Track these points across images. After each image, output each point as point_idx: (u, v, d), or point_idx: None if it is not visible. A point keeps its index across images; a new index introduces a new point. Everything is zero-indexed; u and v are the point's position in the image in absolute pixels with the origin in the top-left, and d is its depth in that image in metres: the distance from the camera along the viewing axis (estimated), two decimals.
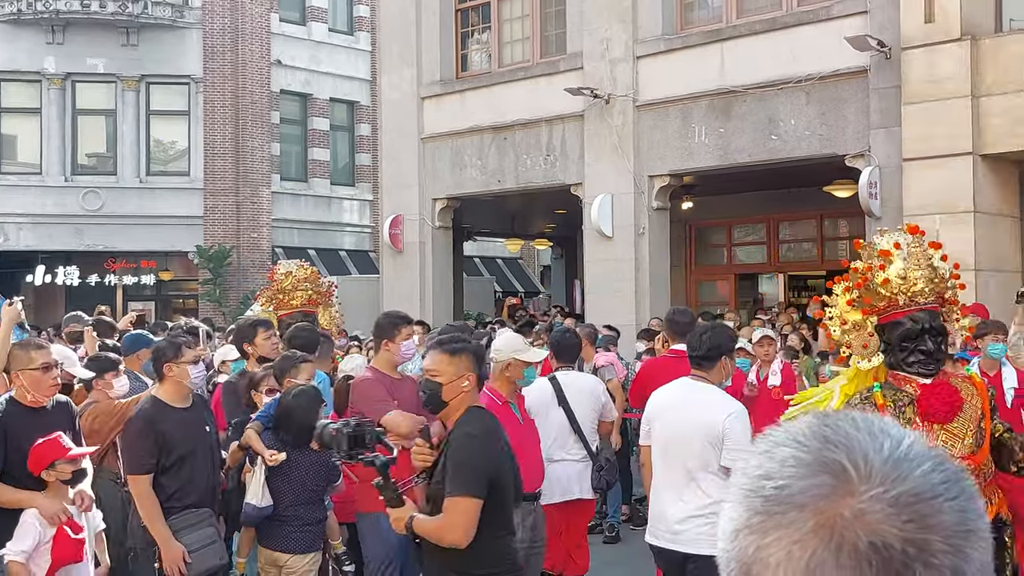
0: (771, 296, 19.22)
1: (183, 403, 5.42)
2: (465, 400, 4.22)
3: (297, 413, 5.72)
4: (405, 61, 17.19)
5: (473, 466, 4.05)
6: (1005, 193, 11.60)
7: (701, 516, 5.15)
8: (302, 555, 5.76)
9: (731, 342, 5.53)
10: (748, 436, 5.06)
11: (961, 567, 0.82)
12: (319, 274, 9.24)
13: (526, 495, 5.78)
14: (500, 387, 5.88)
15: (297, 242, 26.51)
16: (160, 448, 5.27)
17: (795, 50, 12.74)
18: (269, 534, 5.77)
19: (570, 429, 6.87)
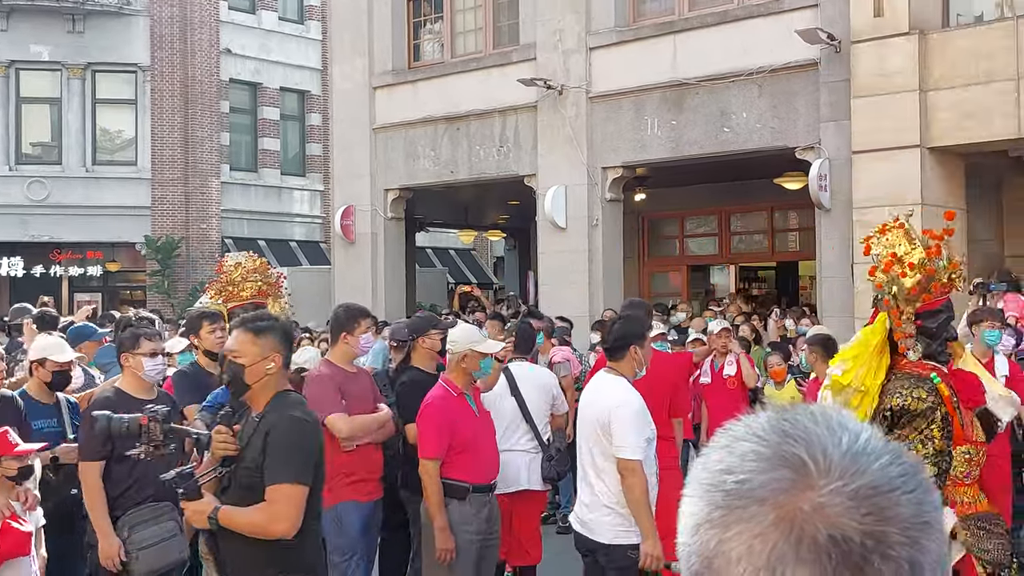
0: (722, 287, 19.38)
1: (145, 395, 5.35)
2: (271, 383, 4.03)
3: None
4: (357, 51, 17.06)
5: (303, 451, 3.91)
6: (952, 186, 11.77)
7: (606, 507, 5.23)
8: None
9: (640, 331, 5.54)
10: (631, 430, 5.10)
11: (918, 559, 0.83)
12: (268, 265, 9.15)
13: (481, 486, 5.79)
14: (456, 378, 5.86)
15: (247, 233, 26.24)
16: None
17: (746, 43, 12.83)
18: None
19: (521, 419, 6.87)
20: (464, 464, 5.72)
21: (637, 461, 5.10)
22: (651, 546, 5.14)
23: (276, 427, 3.92)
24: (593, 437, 5.26)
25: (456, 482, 5.70)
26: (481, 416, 5.99)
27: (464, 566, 5.71)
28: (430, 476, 5.64)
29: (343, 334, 6.17)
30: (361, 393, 6.13)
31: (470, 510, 5.73)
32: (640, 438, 5.14)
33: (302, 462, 3.88)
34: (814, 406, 0.93)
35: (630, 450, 5.11)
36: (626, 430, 5.12)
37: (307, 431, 3.98)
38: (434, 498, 5.64)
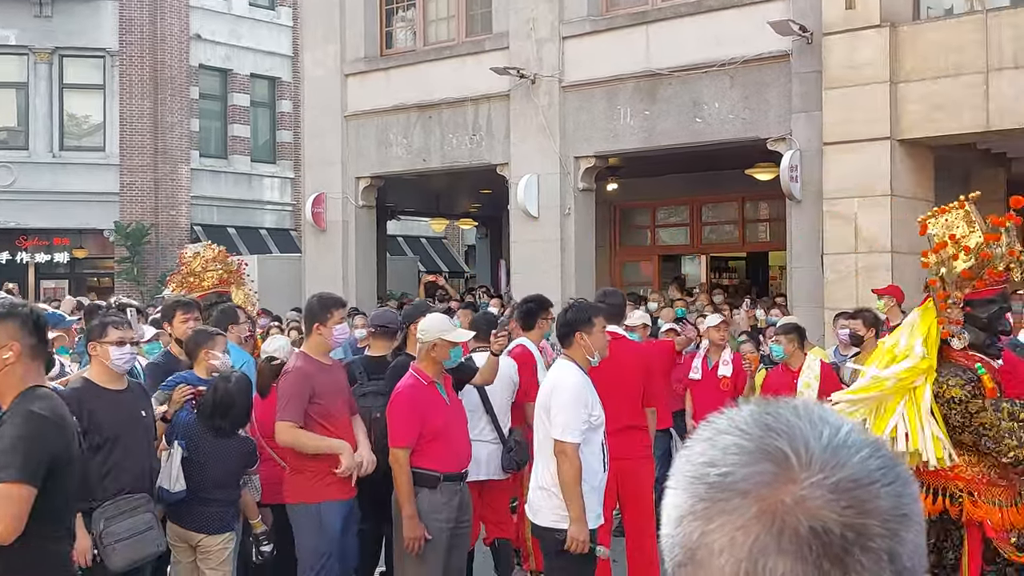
0: (693, 277, 19.46)
1: (115, 384, 5.27)
2: (11, 374, 3.59)
3: (237, 400, 5.76)
4: (328, 38, 16.96)
5: (32, 449, 3.47)
6: (921, 178, 11.86)
7: (546, 489, 5.31)
8: (215, 535, 5.76)
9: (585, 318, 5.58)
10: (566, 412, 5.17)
11: (897, 550, 0.85)
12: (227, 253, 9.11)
13: (452, 475, 5.80)
14: (426, 367, 5.86)
15: (217, 220, 26.07)
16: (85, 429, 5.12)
17: (719, 34, 12.86)
18: (181, 513, 5.75)
19: (483, 410, 6.88)
20: (435, 453, 5.73)
21: (571, 444, 5.15)
22: (577, 530, 5.19)
23: (7, 421, 3.55)
24: (541, 421, 5.36)
25: (426, 471, 5.70)
26: (452, 405, 5.99)
27: (434, 554, 5.72)
28: (400, 465, 5.64)
29: (316, 325, 6.05)
30: (335, 387, 6.04)
31: (441, 499, 5.73)
32: (576, 420, 5.19)
33: (29, 461, 3.44)
34: (796, 400, 0.94)
35: (563, 431, 5.16)
36: (560, 411, 5.19)
37: (43, 428, 3.52)
38: (404, 487, 5.65)
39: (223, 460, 5.76)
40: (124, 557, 5.11)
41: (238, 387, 5.79)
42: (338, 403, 6.03)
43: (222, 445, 5.77)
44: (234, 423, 5.80)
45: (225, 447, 5.78)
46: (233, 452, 5.82)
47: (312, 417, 5.87)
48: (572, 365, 5.42)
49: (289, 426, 5.80)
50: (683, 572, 0.90)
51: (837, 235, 11.60)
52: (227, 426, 5.77)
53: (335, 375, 6.11)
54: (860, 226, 11.45)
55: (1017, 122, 10.66)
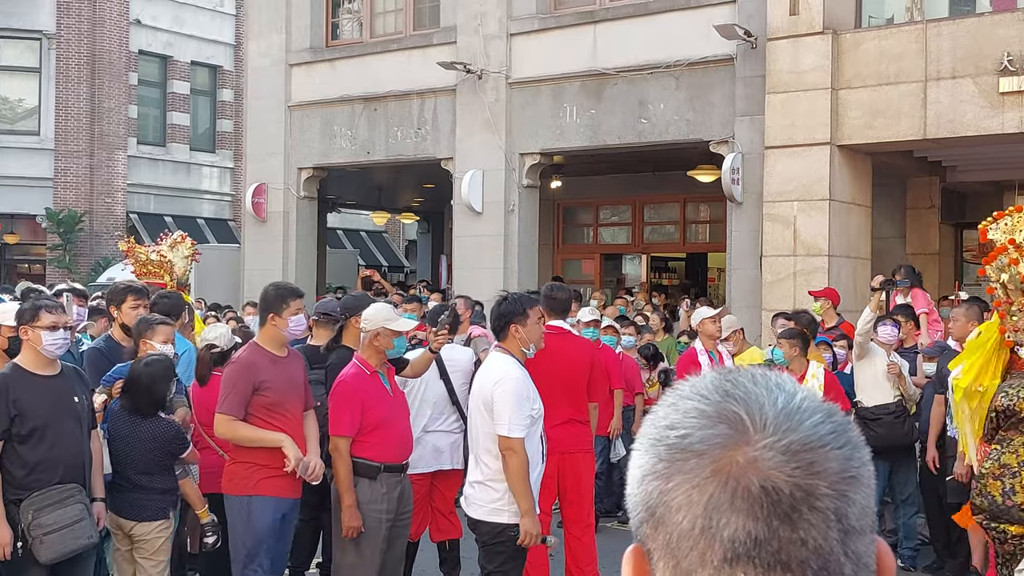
0: (633, 277, 19.60)
1: (46, 370, 5.14)
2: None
3: (145, 381, 5.63)
4: (274, 27, 16.79)
5: None
6: (859, 183, 12.08)
7: (482, 483, 5.32)
8: (148, 523, 5.67)
9: (518, 310, 5.59)
10: (510, 407, 5.14)
11: (844, 510, 0.88)
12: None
13: (393, 466, 5.77)
14: (369, 357, 5.81)
15: (153, 208, 25.68)
16: (13, 416, 5.00)
17: (666, 36, 12.97)
18: (114, 499, 5.66)
19: (448, 401, 6.89)
20: (376, 443, 5.69)
21: (517, 439, 5.16)
22: (530, 524, 5.21)
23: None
24: (478, 414, 5.33)
25: (367, 461, 5.67)
26: (395, 395, 5.97)
27: (372, 545, 5.69)
28: (340, 454, 5.61)
29: (271, 315, 5.82)
30: (287, 380, 5.80)
31: (380, 489, 5.70)
32: (520, 415, 5.19)
33: None
34: (755, 368, 0.98)
35: (509, 427, 5.16)
36: (506, 407, 5.17)
37: None
38: (343, 476, 5.60)
39: (141, 443, 5.64)
40: (53, 549, 5.00)
41: (154, 369, 5.66)
42: (290, 397, 5.78)
43: (140, 428, 5.65)
44: (149, 405, 5.63)
45: (143, 430, 5.65)
46: (151, 435, 5.66)
47: (258, 409, 5.65)
48: (510, 358, 5.42)
49: (227, 419, 5.63)
50: (644, 529, 0.94)
51: (776, 238, 11.77)
52: (142, 408, 5.64)
53: (289, 368, 5.85)
54: (799, 229, 11.62)
55: (952, 131, 10.90)
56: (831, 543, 0.88)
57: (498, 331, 5.51)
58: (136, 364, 5.73)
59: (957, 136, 10.98)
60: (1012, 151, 12.28)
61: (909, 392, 8.30)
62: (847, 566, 0.89)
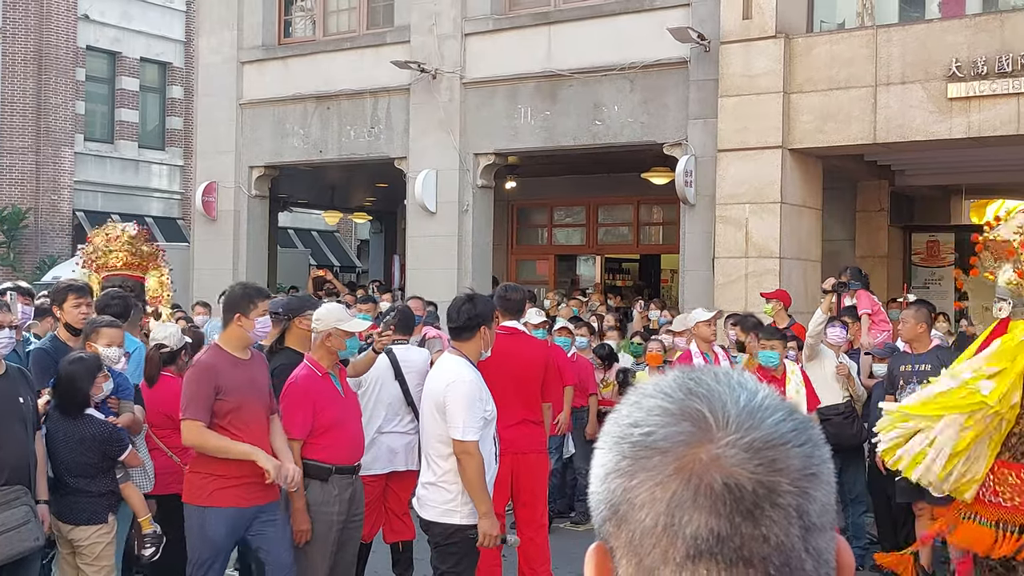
0: (587, 278, 19.67)
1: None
2: None
3: (65, 379, 5.56)
4: (225, 24, 16.62)
5: None
6: (810, 187, 12.21)
7: (434, 484, 5.31)
8: (85, 527, 5.58)
9: (491, 312, 5.62)
10: (464, 410, 5.11)
11: (805, 507, 0.89)
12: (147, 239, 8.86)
13: (345, 468, 5.72)
14: (320, 358, 5.75)
15: (101, 206, 25.31)
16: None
17: (620, 38, 13.01)
18: (55, 503, 5.57)
19: (404, 402, 6.85)
20: (327, 445, 5.64)
21: (471, 442, 5.14)
22: (488, 525, 5.20)
23: None
24: (430, 416, 5.30)
25: (318, 463, 5.61)
26: (347, 397, 5.91)
27: (322, 547, 5.64)
28: (292, 456, 5.54)
29: (237, 315, 5.52)
30: (248, 384, 5.52)
31: (332, 491, 5.65)
32: (473, 418, 5.18)
33: None
34: (717, 367, 1.00)
35: (463, 431, 5.14)
36: (459, 410, 5.14)
37: None
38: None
39: (73, 444, 5.54)
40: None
41: (75, 367, 5.57)
42: (251, 401, 5.48)
43: (71, 428, 5.55)
44: (72, 404, 5.53)
45: (74, 430, 5.54)
46: (83, 436, 5.54)
47: (218, 415, 5.39)
48: (462, 360, 5.38)
49: (196, 426, 5.32)
50: (607, 527, 0.94)
51: (728, 240, 11.85)
52: (67, 407, 5.55)
53: (251, 370, 5.56)
54: (750, 231, 11.72)
55: (902, 135, 11.04)
56: (793, 540, 0.89)
57: (466, 331, 5.43)
58: (62, 362, 5.65)
59: (906, 140, 11.13)
60: (960, 156, 12.51)
61: (858, 393, 8.43)
62: (808, 562, 0.90)
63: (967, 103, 10.64)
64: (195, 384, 5.41)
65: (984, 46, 10.56)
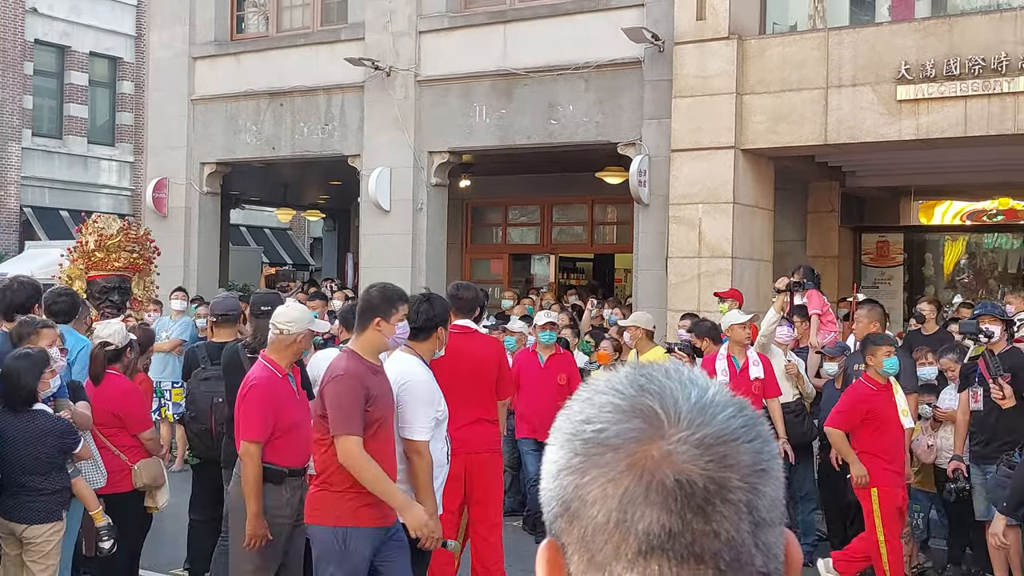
0: (541, 277, 19.68)
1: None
2: None
3: (13, 375, 5.48)
4: (177, 18, 16.42)
5: None
6: (762, 187, 12.31)
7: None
8: (39, 525, 5.50)
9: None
10: (417, 410, 5.06)
11: (755, 502, 0.90)
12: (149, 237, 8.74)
13: (297, 470, 5.65)
14: (280, 359, 5.63)
15: (49, 202, 24.94)
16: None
17: (575, 37, 13.03)
18: (3, 503, 5.47)
19: None
20: (283, 448, 5.55)
21: (423, 442, 5.11)
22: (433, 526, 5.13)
23: None
24: None
25: (274, 466, 5.53)
26: (300, 399, 5.85)
27: (274, 550, 5.57)
28: (253, 459, 5.41)
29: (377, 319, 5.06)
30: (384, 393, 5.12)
31: (284, 494, 5.58)
32: (426, 418, 5.15)
33: None
34: (669, 364, 1.00)
35: (416, 431, 5.10)
36: (413, 410, 5.11)
37: None
38: (254, 482, 5.40)
39: (25, 439, 5.46)
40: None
41: (19, 363, 5.50)
42: (389, 413, 5.15)
43: (21, 424, 5.47)
44: (14, 399, 5.47)
45: (24, 425, 5.47)
46: (39, 432, 5.48)
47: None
48: (415, 359, 5.34)
49: (357, 442, 4.85)
50: (559, 523, 0.94)
51: (681, 239, 11.91)
52: (14, 402, 5.48)
53: (383, 379, 5.18)
54: (703, 231, 11.79)
55: (852, 137, 11.17)
56: (743, 535, 0.89)
57: (423, 331, 5.39)
58: (8, 358, 5.57)
59: (856, 142, 11.26)
60: (909, 158, 12.68)
61: (807, 391, 8.51)
62: (758, 557, 0.90)
63: (916, 105, 10.78)
64: (346, 395, 4.94)
65: (933, 49, 10.71)
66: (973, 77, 10.48)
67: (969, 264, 15.45)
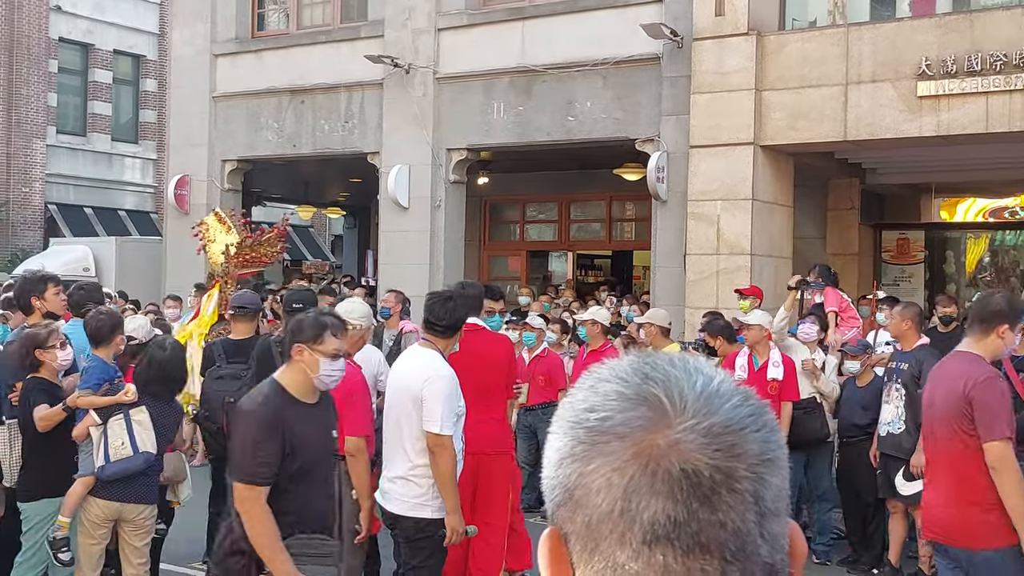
0: (559, 274, 19.68)
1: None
2: None
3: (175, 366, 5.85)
4: (199, 16, 16.51)
5: None
6: (782, 184, 12.26)
7: (404, 479, 5.28)
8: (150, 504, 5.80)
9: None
10: (442, 404, 5.10)
11: (761, 492, 0.90)
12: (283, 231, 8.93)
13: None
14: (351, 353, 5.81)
15: (73, 199, 25.14)
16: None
17: (594, 34, 13.02)
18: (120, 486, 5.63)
19: None
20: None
21: (448, 436, 5.14)
22: (456, 521, 5.20)
23: None
24: (402, 408, 5.27)
25: None
26: None
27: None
28: (363, 455, 5.59)
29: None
30: None
31: None
32: (451, 413, 5.18)
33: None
34: (673, 353, 0.99)
35: (440, 425, 5.13)
36: (437, 404, 5.12)
37: None
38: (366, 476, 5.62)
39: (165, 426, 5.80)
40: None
41: (173, 353, 5.88)
42: None
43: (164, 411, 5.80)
44: (172, 389, 5.88)
45: (167, 412, 5.84)
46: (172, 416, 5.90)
47: None
48: (437, 354, 5.38)
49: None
50: (562, 512, 0.94)
51: (700, 236, 11.89)
52: (165, 392, 5.81)
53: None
54: (722, 228, 11.76)
55: (872, 134, 11.12)
56: (748, 525, 0.89)
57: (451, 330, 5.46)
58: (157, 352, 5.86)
59: (876, 139, 11.20)
60: (929, 155, 12.60)
61: (825, 389, 8.43)
62: (763, 547, 0.90)
63: (936, 102, 10.72)
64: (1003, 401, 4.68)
65: (954, 45, 10.64)
66: (994, 73, 10.41)
67: (991, 262, 15.36)
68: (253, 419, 4.24)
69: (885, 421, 7.68)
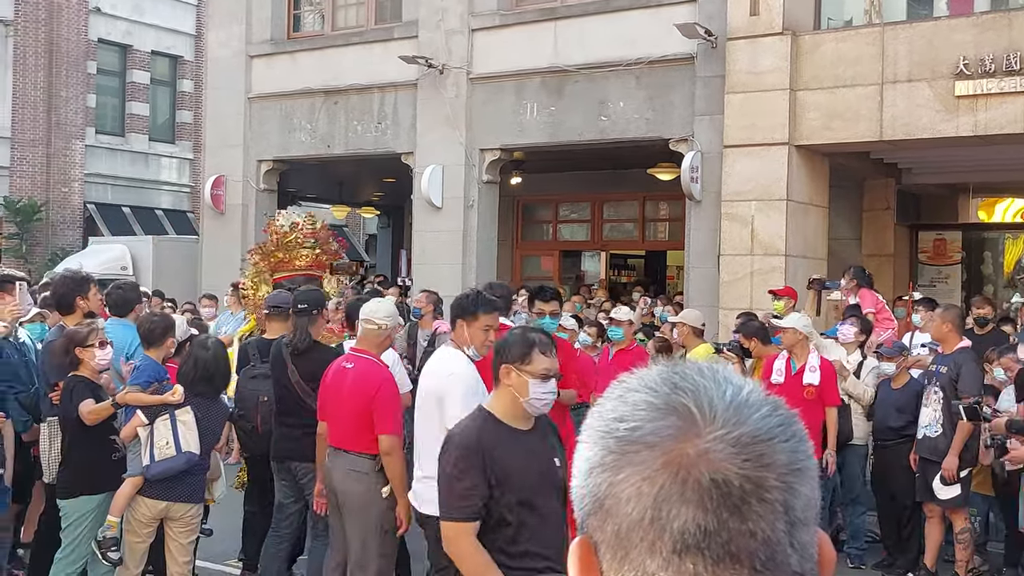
0: (592, 273, 19.66)
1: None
2: None
3: (220, 364, 5.96)
4: (234, 17, 16.66)
5: None
6: (816, 184, 12.18)
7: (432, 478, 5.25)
8: (196, 503, 5.92)
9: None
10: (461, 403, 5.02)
11: (791, 501, 0.90)
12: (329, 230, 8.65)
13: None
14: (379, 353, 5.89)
15: (112, 199, 25.42)
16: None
17: (627, 33, 13.00)
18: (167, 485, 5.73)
19: None
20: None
21: None
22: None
23: None
24: (428, 407, 5.31)
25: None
26: None
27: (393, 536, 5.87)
28: (398, 452, 5.65)
29: None
30: None
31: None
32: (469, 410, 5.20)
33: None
34: (701, 363, 0.99)
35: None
36: (456, 403, 5.11)
37: None
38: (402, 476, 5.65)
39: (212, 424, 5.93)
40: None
41: (216, 351, 5.98)
42: None
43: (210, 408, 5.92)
44: (217, 387, 5.98)
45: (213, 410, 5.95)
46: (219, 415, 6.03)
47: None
48: (461, 354, 5.40)
49: None
50: (592, 520, 0.94)
51: (734, 237, 11.84)
52: (211, 391, 5.93)
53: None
54: (756, 229, 11.70)
55: (908, 134, 11.01)
56: (778, 534, 0.89)
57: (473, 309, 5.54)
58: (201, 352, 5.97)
59: (913, 139, 11.09)
60: (966, 155, 12.46)
61: (854, 391, 8.33)
62: (793, 557, 0.90)
63: (974, 101, 10.61)
64: None
65: (991, 44, 10.52)
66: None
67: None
68: (450, 451, 3.96)
69: (923, 424, 7.62)
